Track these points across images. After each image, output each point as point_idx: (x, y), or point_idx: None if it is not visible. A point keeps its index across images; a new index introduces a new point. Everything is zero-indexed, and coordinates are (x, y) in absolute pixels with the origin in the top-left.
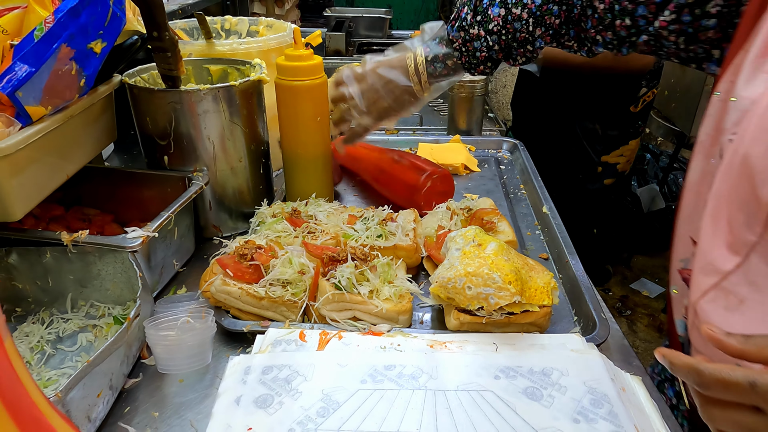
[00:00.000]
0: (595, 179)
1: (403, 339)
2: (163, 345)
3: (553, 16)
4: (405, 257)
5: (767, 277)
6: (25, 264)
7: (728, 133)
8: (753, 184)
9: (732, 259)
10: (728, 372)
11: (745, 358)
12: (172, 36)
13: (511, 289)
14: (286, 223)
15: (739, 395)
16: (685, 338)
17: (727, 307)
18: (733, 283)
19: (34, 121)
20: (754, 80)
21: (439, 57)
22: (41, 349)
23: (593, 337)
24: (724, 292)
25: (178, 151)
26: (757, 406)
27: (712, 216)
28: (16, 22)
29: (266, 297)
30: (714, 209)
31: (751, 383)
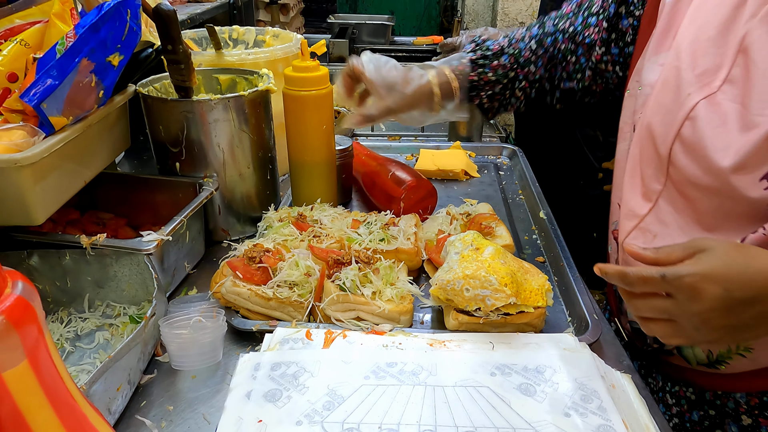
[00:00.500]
0: (596, 185)
1: (405, 338)
2: (177, 343)
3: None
4: (406, 260)
5: (672, 216)
6: (46, 266)
7: (638, 113)
8: (655, 145)
9: (646, 205)
10: (645, 269)
11: (658, 264)
12: (185, 49)
13: (506, 291)
14: (293, 228)
15: (654, 286)
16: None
17: (644, 241)
18: (648, 223)
19: (57, 131)
20: (651, 71)
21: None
22: (61, 346)
23: (585, 336)
24: (642, 231)
25: (189, 158)
26: (668, 293)
27: (630, 175)
28: (37, 36)
29: (274, 298)
30: (631, 169)
31: (661, 275)
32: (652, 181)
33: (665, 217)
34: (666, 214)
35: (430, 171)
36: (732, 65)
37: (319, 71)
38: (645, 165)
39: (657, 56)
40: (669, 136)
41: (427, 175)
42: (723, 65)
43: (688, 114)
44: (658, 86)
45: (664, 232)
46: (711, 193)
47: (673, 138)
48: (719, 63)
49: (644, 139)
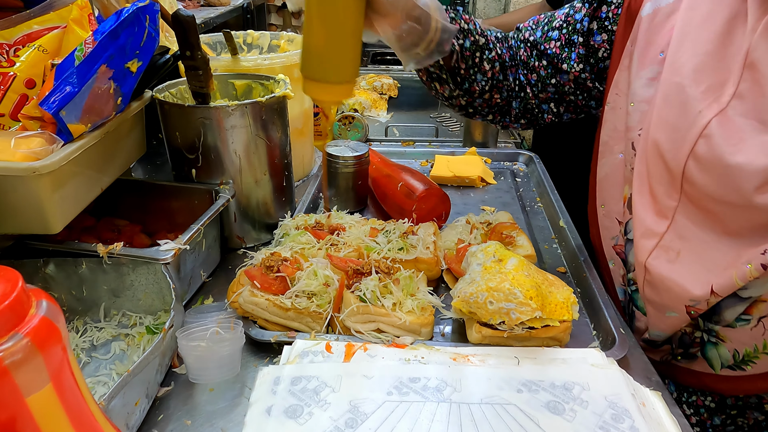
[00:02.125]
0: None
1: (427, 351)
2: (195, 355)
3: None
4: (426, 270)
5: (691, 230)
6: (62, 274)
7: (635, 129)
8: (665, 161)
9: (662, 222)
10: None
11: None
12: (204, 55)
13: (532, 304)
14: (310, 236)
15: None
16: (626, 301)
17: (668, 260)
18: (668, 240)
19: (75, 138)
20: (642, 87)
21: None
22: (77, 357)
23: (613, 352)
24: (663, 249)
25: (206, 165)
26: None
27: (638, 193)
28: (55, 42)
29: (292, 308)
30: (639, 187)
31: None
32: (665, 198)
33: (685, 232)
34: (685, 229)
35: (445, 177)
36: (739, 80)
37: None
38: (655, 182)
39: (643, 71)
40: (681, 153)
41: (442, 181)
42: (729, 80)
43: (702, 132)
44: (659, 103)
45: (686, 247)
46: (734, 207)
47: (687, 155)
48: (724, 78)
49: (652, 157)
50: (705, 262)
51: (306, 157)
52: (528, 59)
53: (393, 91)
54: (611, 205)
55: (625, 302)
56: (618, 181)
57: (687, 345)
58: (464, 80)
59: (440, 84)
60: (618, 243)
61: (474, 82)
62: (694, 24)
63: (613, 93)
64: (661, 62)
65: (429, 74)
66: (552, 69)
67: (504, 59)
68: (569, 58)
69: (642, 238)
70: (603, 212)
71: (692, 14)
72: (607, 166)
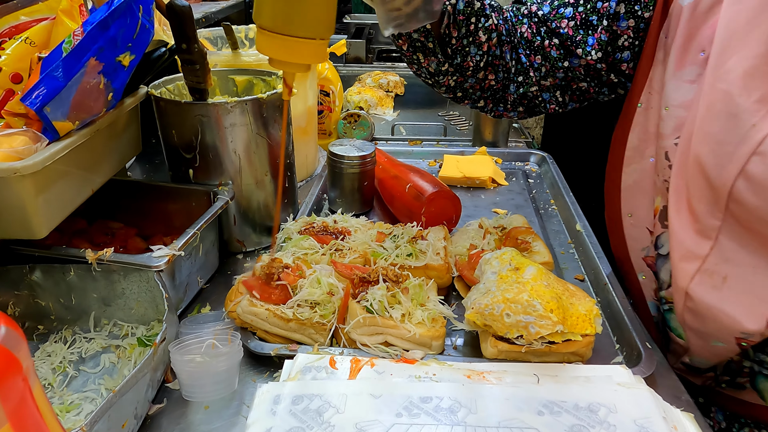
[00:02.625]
0: None
1: (439, 368)
2: (189, 371)
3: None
4: (436, 278)
5: (738, 252)
6: (49, 281)
7: (670, 138)
8: (708, 178)
9: (705, 244)
10: None
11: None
12: (201, 48)
13: (552, 317)
14: (313, 240)
15: None
16: (659, 318)
17: (714, 286)
18: (713, 264)
19: (61, 137)
20: (679, 89)
21: None
22: (63, 370)
23: (639, 369)
24: (707, 273)
25: (204, 164)
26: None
27: (675, 209)
28: (43, 34)
29: (294, 318)
30: (676, 203)
31: None
32: (707, 216)
33: (732, 255)
34: (731, 252)
35: (455, 178)
36: None
37: None
38: (696, 200)
39: (681, 71)
40: (728, 171)
41: (452, 182)
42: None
43: (756, 149)
44: (702, 112)
45: (734, 273)
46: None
47: (736, 174)
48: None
49: (692, 172)
50: (758, 291)
51: (309, 156)
52: (533, 37)
53: (399, 89)
54: (640, 215)
55: (658, 318)
56: (648, 189)
57: (734, 373)
58: (456, 53)
59: (425, 55)
60: (649, 255)
61: (467, 56)
62: (741, 21)
63: (647, 92)
64: (702, 63)
65: (412, 42)
66: (563, 51)
67: (501, 31)
68: (585, 42)
69: (682, 260)
70: (630, 222)
71: (739, 8)
72: (637, 172)
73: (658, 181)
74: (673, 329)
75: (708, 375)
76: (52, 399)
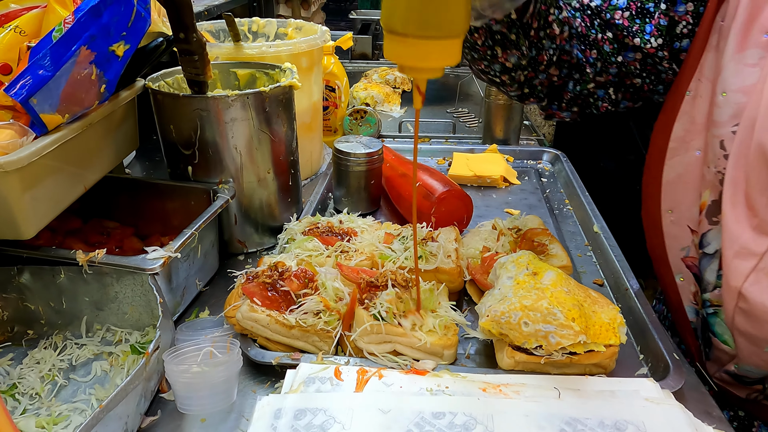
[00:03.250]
0: None
1: (452, 380)
2: (184, 382)
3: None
4: (447, 282)
5: None
6: (38, 284)
7: (727, 125)
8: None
9: (763, 240)
10: None
11: None
12: (199, 38)
13: (575, 327)
14: (318, 242)
15: None
16: (698, 323)
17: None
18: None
19: (50, 131)
20: (739, 74)
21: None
22: (52, 378)
23: (667, 382)
24: (764, 272)
25: (203, 161)
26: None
27: (731, 203)
28: (34, 23)
29: (297, 325)
30: (732, 197)
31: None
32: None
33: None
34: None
35: (465, 177)
36: None
37: None
38: (756, 192)
39: (741, 54)
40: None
41: (462, 181)
42: None
43: None
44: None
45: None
46: None
47: None
48: None
49: (754, 162)
50: None
51: (314, 153)
52: (587, 31)
53: (407, 85)
54: (682, 211)
55: (697, 324)
56: (693, 183)
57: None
58: (532, 45)
59: (504, 49)
60: (689, 255)
61: (542, 50)
62: None
63: (697, 79)
64: (765, 46)
65: (491, 35)
66: (618, 45)
67: (571, 24)
68: (642, 31)
69: (736, 258)
70: (671, 218)
71: None
72: (681, 165)
73: (709, 173)
74: (717, 334)
75: (755, 387)
76: (39, 410)
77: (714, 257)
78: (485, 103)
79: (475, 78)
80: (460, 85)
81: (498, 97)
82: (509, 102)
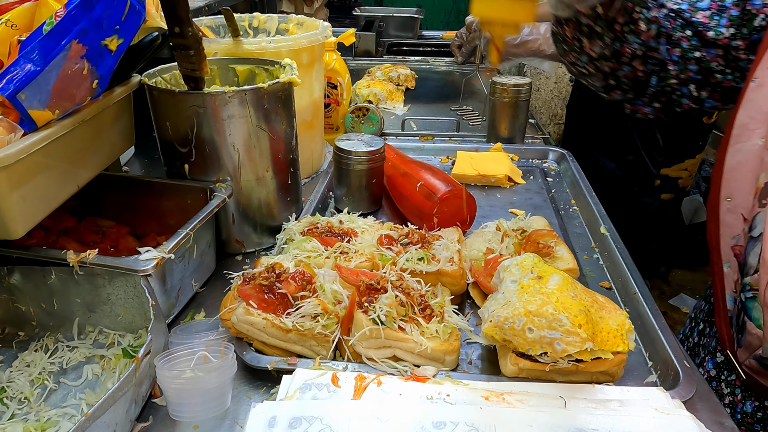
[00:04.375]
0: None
1: (453, 387)
2: (176, 388)
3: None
4: (449, 284)
5: None
6: (29, 285)
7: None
8: None
9: None
10: None
11: None
12: (195, 32)
13: (581, 333)
14: (317, 242)
15: None
16: (735, 311)
17: None
18: None
19: (40, 127)
20: None
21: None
22: (42, 382)
23: (678, 391)
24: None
25: (200, 159)
26: None
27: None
28: (26, 16)
29: (294, 329)
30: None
31: None
32: None
33: None
34: None
35: (469, 176)
36: None
37: None
38: None
39: None
40: None
41: (466, 180)
42: None
43: None
44: None
45: None
46: None
47: None
48: None
49: None
50: None
51: (315, 151)
52: (672, 31)
53: (410, 82)
54: (738, 199)
55: (734, 312)
56: (751, 169)
57: None
58: (616, 38)
59: (591, 39)
60: (738, 243)
61: (624, 42)
62: None
63: (763, 67)
64: None
65: (579, 26)
66: (697, 40)
67: (661, 24)
68: (718, 24)
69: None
70: (727, 206)
71: None
72: (741, 153)
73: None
74: (753, 319)
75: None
76: (28, 415)
77: (758, 240)
78: (490, 101)
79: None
80: (464, 82)
81: (503, 95)
82: (514, 100)
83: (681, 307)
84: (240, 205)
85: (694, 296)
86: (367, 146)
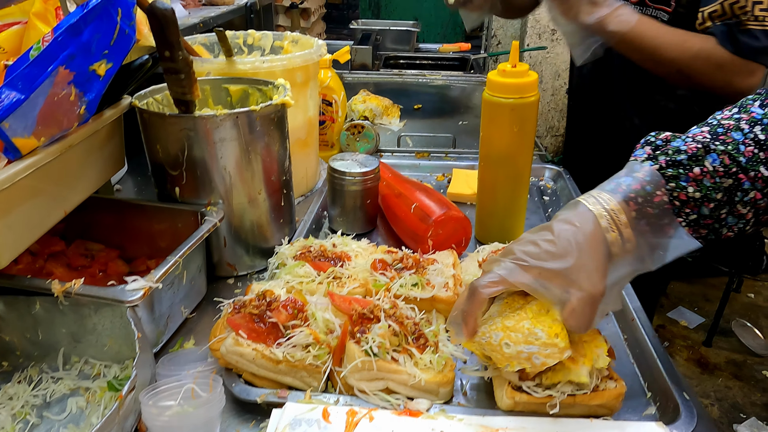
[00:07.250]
0: None
1: (447, 423)
2: (161, 425)
3: None
4: (444, 311)
5: None
6: (13, 314)
7: None
8: None
9: None
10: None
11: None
12: (186, 56)
13: (559, 343)
14: (309, 267)
15: None
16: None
17: None
18: None
19: (24, 155)
20: None
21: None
22: (24, 417)
23: (678, 426)
24: None
25: (191, 182)
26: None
27: None
28: (14, 40)
29: (284, 360)
30: None
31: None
32: None
33: None
34: None
35: (465, 195)
36: None
37: (528, 77)
38: None
39: None
40: None
41: (461, 199)
42: None
43: None
44: None
45: None
46: None
47: None
48: None
49: None
50: None
51: (310, 170)
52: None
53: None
54: None
55: None
56: None
57: None
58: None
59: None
60: None
61: (724, 232)
62: None
63: None
64: None
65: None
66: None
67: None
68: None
69: None
70: None
71: None
72: None
73: None
74: None
75: None
76: None
77: None
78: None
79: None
80: (460, 97)
81: None
82: None
83: (680, 321)
84: (232, 227)
85: (693, 309)
86: (361, 166)
